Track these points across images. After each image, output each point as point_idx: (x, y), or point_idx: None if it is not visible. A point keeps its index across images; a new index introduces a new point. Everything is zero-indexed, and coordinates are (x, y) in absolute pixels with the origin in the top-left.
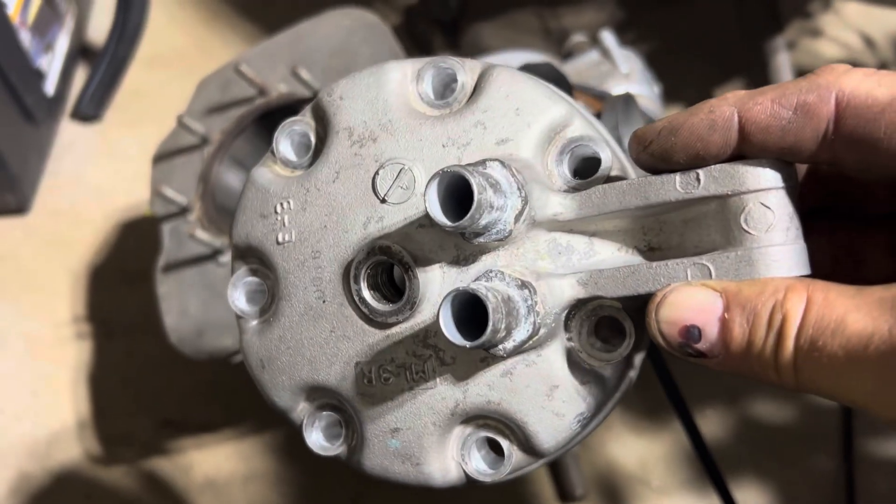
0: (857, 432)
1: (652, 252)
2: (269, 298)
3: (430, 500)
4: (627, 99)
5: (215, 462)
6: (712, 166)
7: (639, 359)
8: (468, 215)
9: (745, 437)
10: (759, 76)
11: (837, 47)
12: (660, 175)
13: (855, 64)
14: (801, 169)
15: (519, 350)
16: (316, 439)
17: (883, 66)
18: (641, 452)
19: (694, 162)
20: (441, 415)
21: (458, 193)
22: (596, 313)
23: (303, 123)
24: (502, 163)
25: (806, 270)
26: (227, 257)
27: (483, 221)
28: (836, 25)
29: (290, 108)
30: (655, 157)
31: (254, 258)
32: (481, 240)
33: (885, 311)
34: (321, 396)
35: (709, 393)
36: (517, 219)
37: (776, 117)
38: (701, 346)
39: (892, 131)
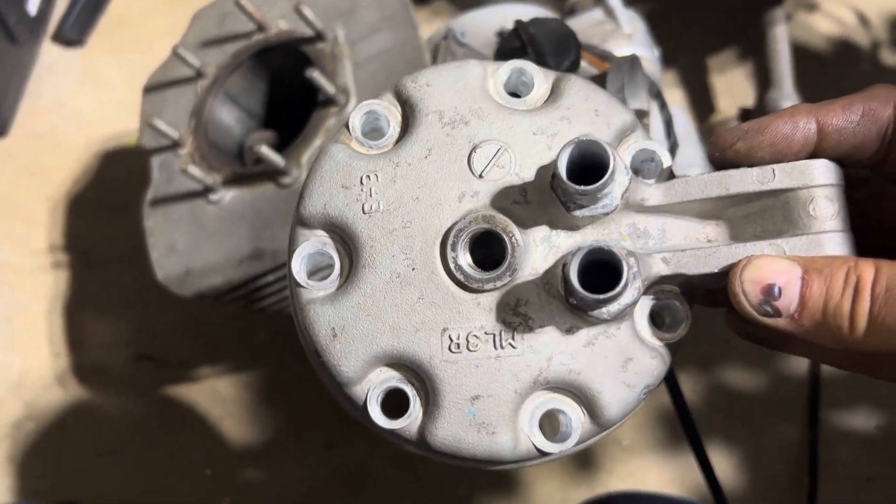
0: (823, 404)
1: (711, 243)
2: (341, 268)
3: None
4: (633, 61)
5: (191, 399)
6: (785, 163)
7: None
8: (602, 179)
9: (717, 405)
10: (754, 45)
11: (832, 23)
12: (738, 169)
13: (848, 42)
14: None
15: (617, 315)
16: (381, 412)
17: (875, 45)
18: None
19: (774, 159)
20: (524, 382)
21: (574, 167)
22: (658, 297)
23: (381, 106)
24: (610, 145)
25: (857, 256)
26: (217, 195)
27: (605, 190)
28: (833, 1)
29: (289, 46)
30: (741, 154)
31: (325, 228)
32: (586, 213)
33: None
34: (393, 367)
35: (684, 360)
36: (622, 196)
37: (848, 120)
38: (780, 303)
39: None
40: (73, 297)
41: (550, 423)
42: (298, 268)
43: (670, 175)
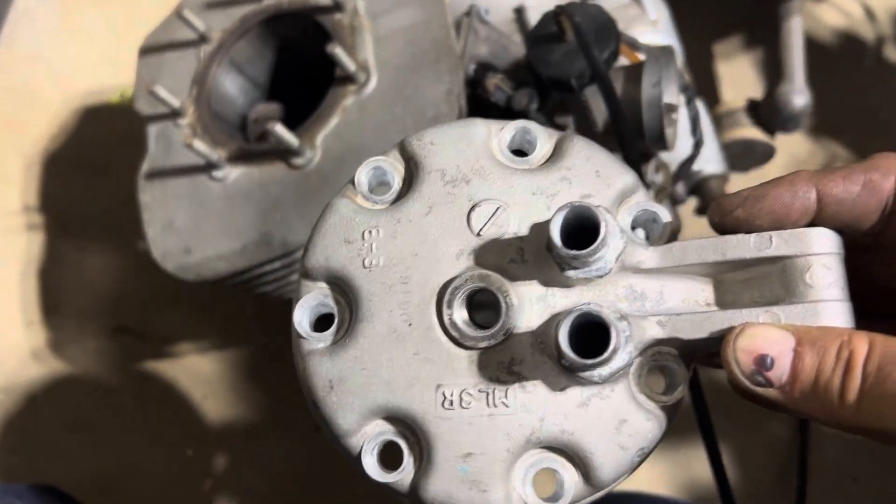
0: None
1: (708, 307)
2: (340, 322)
3: None
4: (669, 53)
5: (172, 375)
6: (783, 231)
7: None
8: (593, 245)
9: (708, 401)
10: (765, 35)
11: (839, 15)
12: (736, 234)
13: (854, 35)
14: None
15: (609, 379)
16: (374, 464)
17: (880, 40)
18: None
19: (773, 226)
20: (516, 441)
21: (569, 230)
22: (655, 359)
23: (386, 162)
24: (607, 209)
25: (854, 327)
26: (222, 172)
27: (597, 255)
28: None
29: (302, 15)
30: (740, 220)
31: (328, 281)
32: (581, 275)
33: None
34: (389, 421)
35: None
36: (616, 259)
37: (848, 191)
38: (772, 373)
39: None
40: (48, 261)
41: (545, 482)
42: (300, 319)
43: (672, 235)
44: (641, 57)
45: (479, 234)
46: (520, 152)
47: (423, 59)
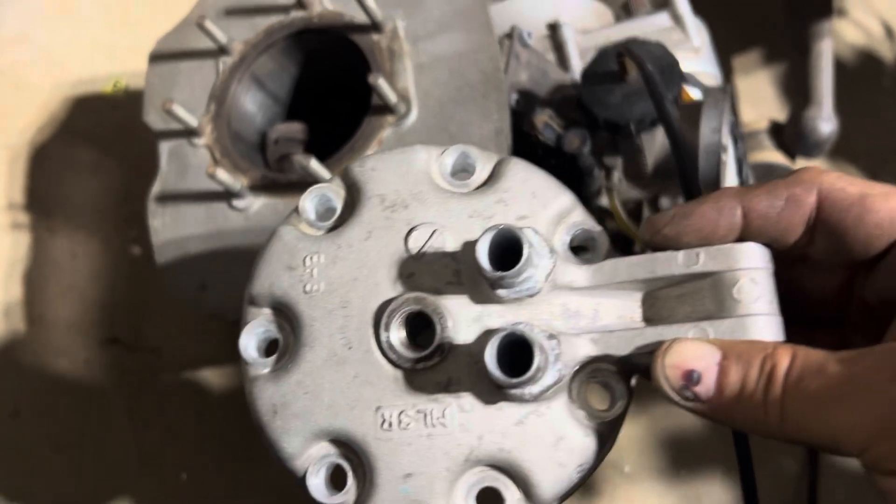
0: None
1: (645, 322)
2: (284, 347)
3: None
4: (727, 94)
5: (166, 391)
6: (710, 247)
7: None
8: (517, 266)
9: (717, 432)
10: (785, 49)
11: (858, 31)
12: (665, 251)
13: (873, 53)
14: None
15: (540, 397)
16: (319, 486)
17: None
18: (619, 437)
19: (701, 243)
20: (455, 460)
21: (498, 252)
22: (593, 376)
23: (330, 189)
24: (535, 230)
25: (783, 339)
26: (243, 202)
27: (523, 275)
28: (861, 7)
29: (333, 32)
30: (669, 238)
31: (272, 307)
32: (512, 294)
33: (857, 364)
34: (333, 443)
35: None
36: (545, 278)
37: (772, 206)
38: (699, 388)
39: (857, 222)
40: (34, 265)
41: (491, 500)
42: (246, 344)
43: (610, 252)
44: (692, 92)
45: (416, 258)
46: (462, 177)
47: (470, 92)
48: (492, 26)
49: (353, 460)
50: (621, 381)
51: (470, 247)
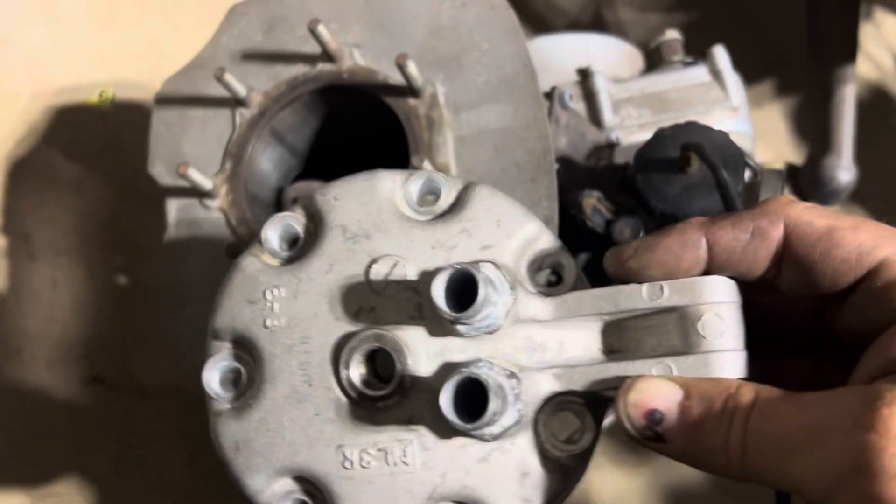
0: None
1: (612, 353)
2: (247, 382)
3: None
4: (783, 176)
5: (154, 436)
6: (675, 280)
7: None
8: (473, 307)
9: (719, 481)
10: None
11: (868, 64)
12: (630, 285)
13: (883, 89)
14: None
15: (501, 436)
16: None
17: None
18: (620, 486)
19: (665, 276)
20: (418, 499)
21: (458, 288)
22: (560, 408)
23: (294, 218)
24: (495, 265)
25: (749, 375)
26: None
27: (481, 314)
28: (873, 39)
29: (361, 91)
30: (633, 271)
31: (234, 342)
32: (472, 331)
33: (818, 408)
34: (297, 480)
35: None
36: (506, 315)
37: (737, 239)
38: (661, 428)
39: (824, 255)
40: (11, 295)
41: None
42: (209, 380)
43: (579, 281)
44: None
45: (377, 291)
46: (428, 203)
47: (517, 175)
48: (542, 100)
49: (318, 496)
50: (589, 413)
51: (428, 283)
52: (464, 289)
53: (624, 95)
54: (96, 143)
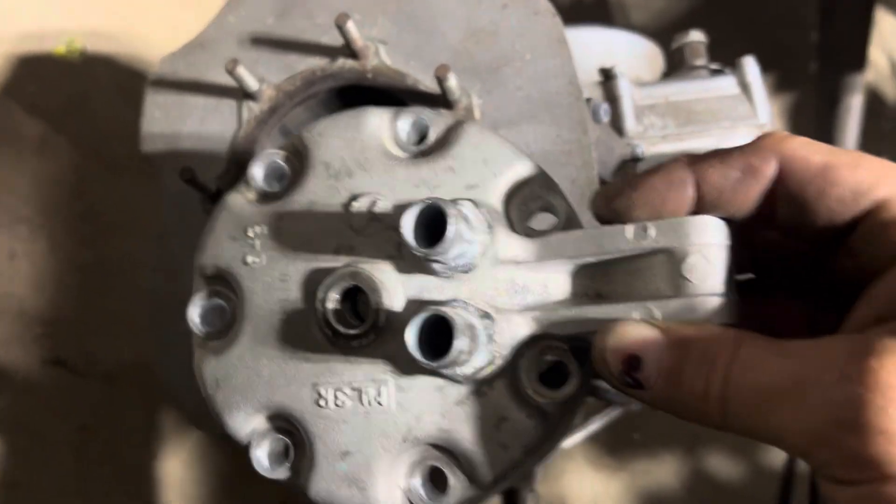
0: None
1: (599, 298)
2: (229, 320)
3: None
4: None
5: (119, 426)
6: (661, 220)
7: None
8: (442, 243)
9: (695, 490)
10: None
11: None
12: (614, 225)
13: (877, 91)
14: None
15: (474, 377)
16: (262, 461)
17: None
18: (597, 489)
19: (651, 217)
20: (392, 440)
21: (432, 225)
22: (544, 353)
23: (279, 156)
24: (474, 202)
25: (736, 320)
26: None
27: (453, 252)
28: (874, 42)
29: (384, 93)
30: (619, 211)
31: (218, 280)
32: (447, 270)
33: (803, 357)
34: (274, 418)
35: (674, 440)
36: (483, 254)
37: (726, 177)
38: (641, 375)
39: (820, 193)
40: None
41: (438, 482)
42: (192, 316)
43: (569, 222)
44: None
45: (357, 230)
46: (416, 143)
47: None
48: (587, 124)
49: (296, 436)
50: (573, 360)
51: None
52: (439, 225)
53: (647, 102)
54: (62, 100)
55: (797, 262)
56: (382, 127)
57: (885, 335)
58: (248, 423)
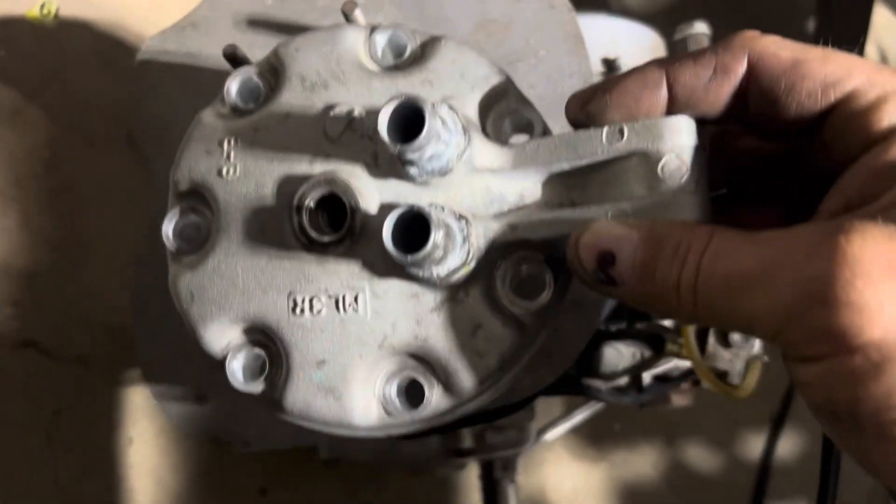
0: (769, 494)
1: (574, 206)
2: (204, 235)
3: (349, 490)
4: None
5: (93, 409)
6: (635, 122)
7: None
8: (419, 138)
9: (672, 482)
10: None
11: None
12: (588, 129)
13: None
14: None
15: (449, 280)
16: (237, 374)
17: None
18: (576, 480)
19: (626, 119)
20: (368, 347)
21: (409, 126)
22: (520, 263)
23: (255, 72)
24: (450, 106)
25: (710, 218)
26: None
27: (429, 150)
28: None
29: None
30: (592, 115)
31: (193, 196)
32: (423, 174)
33: (773, 244)
34: (250, 331)
35: (652, 432)
36: (459, 158)
37: (698, 76)
38: (614, 271)
39: (790, 87)
40: None
41: (414, 395)
42: (167, 231)
43: (544, 136)
44: None
45: (332, 140)
46: (394, 58)
47: None
48: None
49: (272, 349)
50: (548, 270)
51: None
52: (415, 126)
53: None
54: (35, 68)
55: (770, 168)
56: (358, 42)
57: (854, 219)
58: (223, 336)
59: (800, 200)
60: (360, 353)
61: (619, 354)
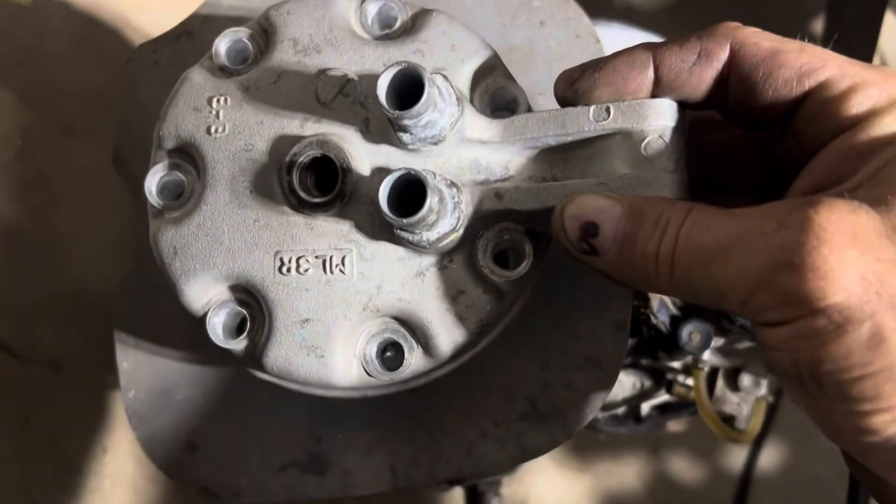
0: None
1: (556, 181)
2: (189, 190)
3: None
4: None
5: (65, 415)
6: (621, 102)
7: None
8: (417, 105)
9: (656, 494)
10: None
11: None
12: (576, 107)
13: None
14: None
15: (437, 246)
16: (217, 329)
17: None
18: (560, 491)
19: (612, 98)
20: (353, 308)
21: (404, 94)
22: (501, 235)
23: (245, 33)
24: (444, 76)
25: (688, 197)
26: None
27: (425, 118)
28: None
29: None
30: (580, 93)
31: (178, 152)
32: (416, 141)
33: (747, 216)
34: (232, 289)
35: (637, 445)
36: (451, 128)
37: (683, 60)
38: (597, 241)
39: (768, 75)
40: None
41: (395, 356)
42: (150, 186)
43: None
44: None
45: (325, 104)
46: (384, 28)
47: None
48: None
49: (254, 307)
50: (528, 241)
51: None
52: (410, 97)
53: None
54: (10, 50)
55: (741, 160)
56: (350, 9)
57: (822, 196)
58: (205, 294)
59: (773, 189)
60: (345, 314)
61: (619, 384)
